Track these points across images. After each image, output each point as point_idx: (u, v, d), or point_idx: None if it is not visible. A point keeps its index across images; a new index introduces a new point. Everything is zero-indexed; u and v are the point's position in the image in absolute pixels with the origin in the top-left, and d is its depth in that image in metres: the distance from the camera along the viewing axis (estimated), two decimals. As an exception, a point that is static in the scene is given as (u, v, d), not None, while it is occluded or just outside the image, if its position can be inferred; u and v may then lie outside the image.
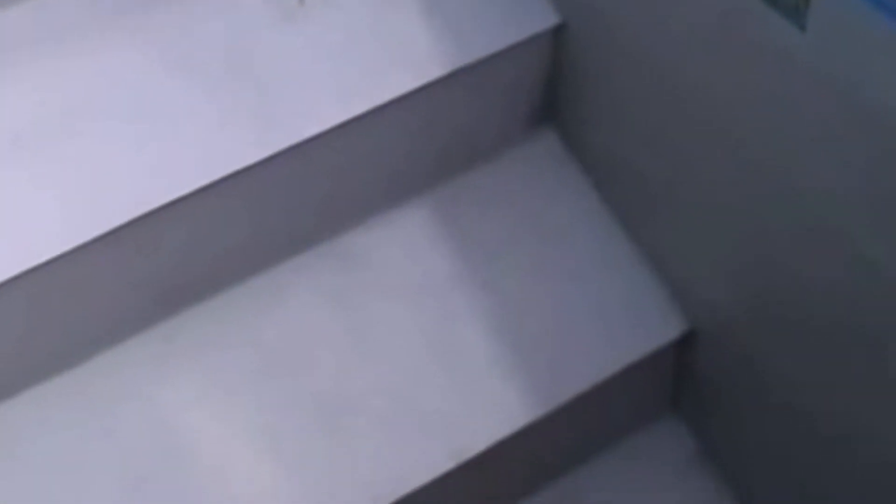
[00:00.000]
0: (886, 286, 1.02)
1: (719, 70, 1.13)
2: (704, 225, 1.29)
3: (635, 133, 1.35)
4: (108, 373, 1.31)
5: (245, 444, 1.29)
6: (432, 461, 1.29)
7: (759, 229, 1.19)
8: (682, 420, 1.48)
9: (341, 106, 1.31)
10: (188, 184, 1.25)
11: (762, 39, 1.02)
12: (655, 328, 1.37)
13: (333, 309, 1.37)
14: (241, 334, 1.35)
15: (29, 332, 1.28)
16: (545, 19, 1.38)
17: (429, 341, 1.36)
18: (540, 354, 1.35)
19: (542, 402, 1.33)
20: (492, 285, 1.38)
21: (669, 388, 1.47)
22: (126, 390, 1.30)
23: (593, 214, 1.41)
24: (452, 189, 1.43)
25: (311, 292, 1.37)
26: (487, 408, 1.32)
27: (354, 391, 1.33)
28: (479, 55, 1.35)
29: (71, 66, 1.29)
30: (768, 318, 1.25)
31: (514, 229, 1.41)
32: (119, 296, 1.30)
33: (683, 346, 1.39)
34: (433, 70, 1.33)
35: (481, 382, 1.33)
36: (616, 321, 1.36)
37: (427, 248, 1.40)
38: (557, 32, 1.39)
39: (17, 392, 1.29)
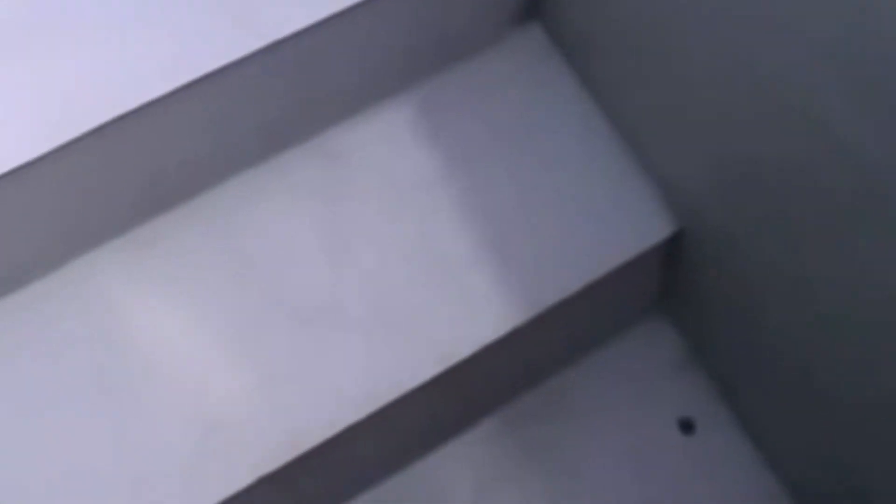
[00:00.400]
0: (864, 170, 1.00)
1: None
2: (688, 116, 1.25)
3: (620, 20, 1.30)
4: (81, 279, 1.28)
5: (221, 351, 1.27)
6: (417, 367, 1.27)
7: (738, 119, 1.16)
8: (669, 320, 1.47)
9: (319, 2, 1.26)
10: (164, 84, 1.19)
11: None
12: (644, 228, 1.33)
13: (312, 210, 1.33)
14: (219, 239, 1.31)
15: (1, 240, 1.25)
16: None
17: (411, 243, 1.33)
18: (526, 256, 1.32)
19: (529, 305, 1.30)
20: (475, 185, 1.34)
21: (657, 287, 1.45)
22: (100, 297, 1.28)
23: (580, 112, 1.37)
24: (436, 86, 1.38)
25: (290, 194, 1.33)
26: (473, 312, 1.30)
27: (334, 295, 1.31)
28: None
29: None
30: (754, 214, 1.23)
31: (499, 127, 1.37)
32: (94, 201, 1.26)
33: (671, 245, 1.36)
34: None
35: (466, 285, 1.30)
36: (604, 222, 1.33)
37: (410, 146, 1.36)
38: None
39: (-9, 300, 1.29)
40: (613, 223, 1.33)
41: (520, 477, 1.39)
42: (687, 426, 1.43)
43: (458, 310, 1.30)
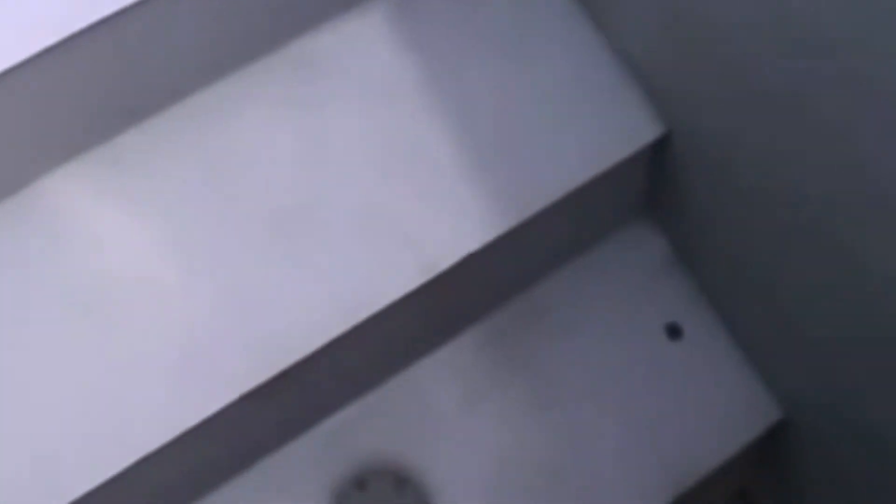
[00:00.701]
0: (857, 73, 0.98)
1: None
2: (680, 19, 1.22)
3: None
4: (49, 198, 1.24)
5: (196, 267, 1.23)
6: (400, 277, 1.24)
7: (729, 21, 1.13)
8: (655, 224, 1.44)
9: None
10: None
11: None
12: (631, 132, 1.29)
13: (289, 118, 1.29)
14: (190, 151, 1.27)
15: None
16: None
17: (391, 150, 1.28)
18: (510, 162, 1.28)
19: (514, 211, 1.27)
20: (457, 90, 1.29)
21: (642, 192, 1.41)
22: (69, 215, 1.24)
23: (564, 15, 1.32)
24: (414, -12, 1.33)
25: (263, 103, 1.28)
26: (456, 219, 1.26)
27: (312, 204, 1.26)
28: None
29: None
30: (742, 117, 1.20)
31: (481, 31, 1.31)
32: (62, 114, 1.22)
33: (658, 149, 1.33)
34: None
35: (448, 193, 1.27)
36: (590, 125, 1.28)
37: (388, 51, 1.31)
38: None
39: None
40: (600, 127, 1.29)
41: (505, 386, 1.37)
42: (674, 331, 1.41)
43: (440, 217, 1.26)
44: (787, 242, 1.25)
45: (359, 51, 1.31)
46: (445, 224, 1.26)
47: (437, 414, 1.36)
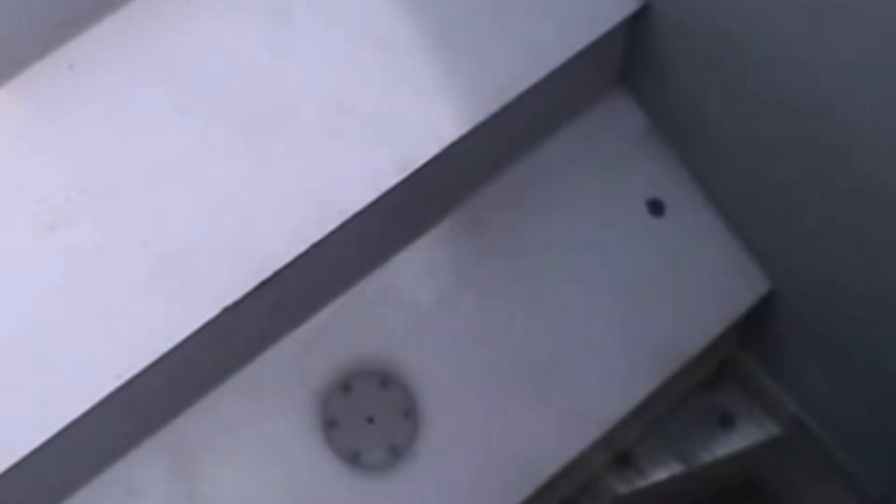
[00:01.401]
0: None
1: None
2: None
3: None
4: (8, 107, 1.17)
5: (168, 175, 1.16)
6: (377, 176, 1.18)
7: None
8: (631, 96, 1.38)
9: None
10: None
11: None
12: (608, 6, 1.24)
13: (254, 14, 1.21)
14: (157, 52, 1.19)
15: None
16: None
17: (360, 43, 1.22)
18: (485, 46, 1.21)
19: (491, 98, 1.21)
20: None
21: (619, 65, 1.35)
22: (32, 125, 1.17)
23: None
24: None
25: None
26: (432, 110, 1.20)
27: (283, 101, 1.20)
28: None
29: None
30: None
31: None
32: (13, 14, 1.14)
33: (635, 20, 1.27)
34: None
35: (422, 83, 1.20)
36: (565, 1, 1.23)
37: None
38: None
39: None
40: (575, 2, 1.24)
41: (486, 274, 1.33)
42: (656, 207, 1.37)
43: (415, 110, 1.20)
44: (769, 110, 1.21)
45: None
46: (420, 116, 1.20)
47: (419, 309, 1.32)
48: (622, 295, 1.35)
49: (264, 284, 1.15)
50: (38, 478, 1.14)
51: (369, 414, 1.29)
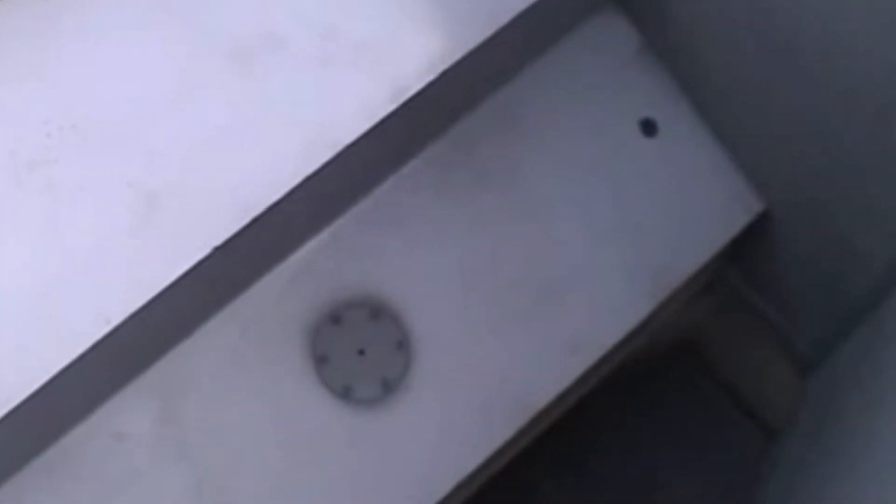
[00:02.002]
0: None
1: None
2: None
3: None
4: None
5: (154, 108, 1.10)
6: (369, 105, 1.13)
7: None
8: (623, 12, 1.33)
9: None
10: None
11: None
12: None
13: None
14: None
15: None
16: None
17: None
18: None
19: (484, 23, 1.16)
20: None
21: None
22: (7, 58, 1.09)
23: None
24: None
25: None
26: (424, 37, 1.15)
27: (271, 28, 1.14)
28: None
29: None
30: None
31: None
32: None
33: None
34: None
35: (415, 7, 1.15)
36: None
37: None
38: None
39: None
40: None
41: (477, 200, 1.29)
42: (649, 127, 1.33)
43: (409, 35, 1.15)
44: (766, 24, 1.18)
45: None
46: (414, 43, 1.15)
47: (409, 238, 1.28)
48: (615, 218, 1.32)
49: (255, 221, 1.11)
50: (23, 427, 1.10)
51: (360, 347, 1.26)
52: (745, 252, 1.42)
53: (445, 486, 1.25)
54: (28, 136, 1.08)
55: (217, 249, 1.10)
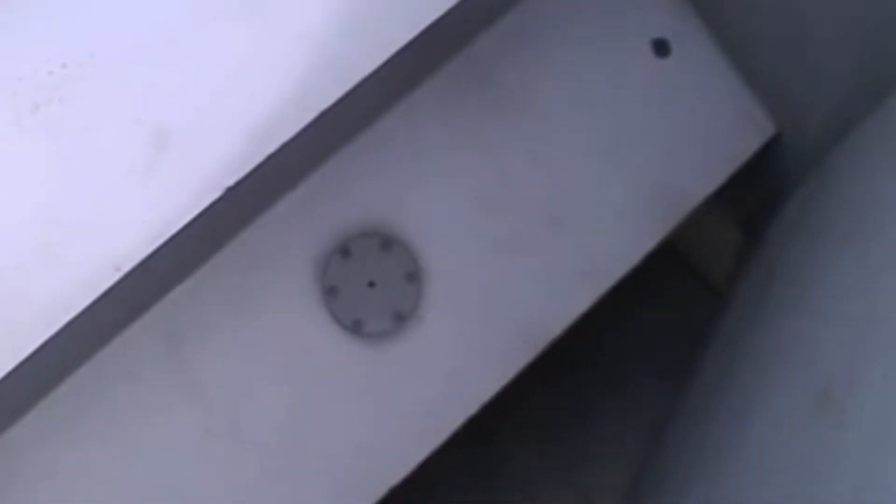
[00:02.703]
0: None
1: None
2: None
3: None
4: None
5: (157, 36, 1.03)
6: (386, 33, 1.07)
7: None
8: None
9: None
10: None
11: None
12: None
13: None
14: None
15: None
16: None
17: None
18: None
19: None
20: None
21: None
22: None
23: None
24: None
25: None
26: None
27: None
28: None
29: None
30: None
31: None
32: None
33: None
34: None
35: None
36: None
37: None
38: None
39: None
40: None
41: (489, 124, 1.25)
42: (661, 47, 1.28)
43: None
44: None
45: None
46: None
47: (418, 166, 1.24)
48: (628, 142, 1.28)
49: (268, 158, 1.07)
50: (28, 374, 1.06)
51: (370, 279, 1.23)
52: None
53: (457, 420, 1.23)
54: (29, 75, 1.01)
55: (229, 190, 1.06)
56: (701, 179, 1.29)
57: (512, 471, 1.67)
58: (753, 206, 1.43)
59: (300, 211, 1.21)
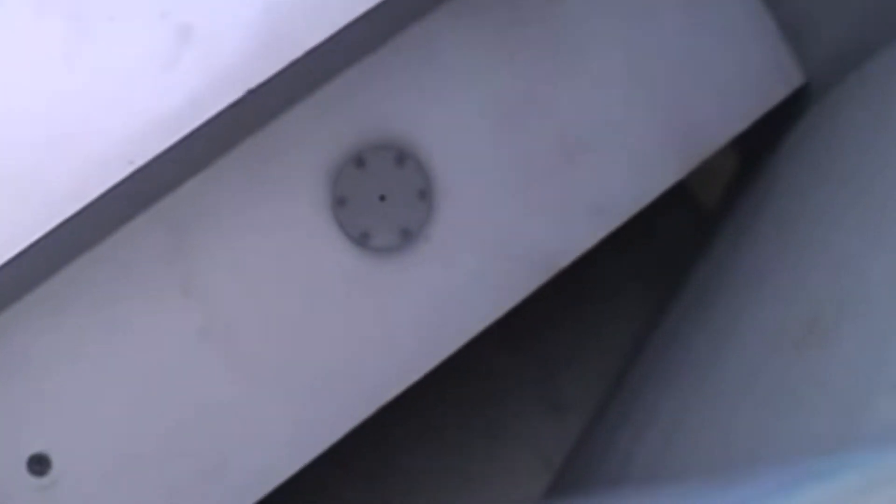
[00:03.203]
0: None
1: None
2: None
3: None
4: None
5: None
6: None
7: None
8: None
9: None
10: None
11: None
12: None
13: None
14: None
15: None
16: None
17: None
18: None
19: None
20: None
21: None
22: None
23: None
24: None
25: None
26: None
27: None
28: None
29: None
30: None
31: None
32: None
33: None
34: None
35: None
36: None
37: None
38: None
39: None
40: None
41: (512, 47, 1.21)
42: (699, -17, 1.26)
43: None
44: None
45: None
46: None
47: (441, 82, 1.20)
48: (654, 76, 1.25)
49: (292, 64, 1.04)
50: (27, 260, 1.04)
51: (382, 192, 1.21)
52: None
53: (453, 344, 1.22)
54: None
55: (250, 92, 1.03)
56: (725, 123, 1.26)
57: (483, 378, 1.66)
58: (752, 131, 1.41)
59: (316, 117, 1.18)
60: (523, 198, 1.23)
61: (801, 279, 1.02)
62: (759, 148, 1.37)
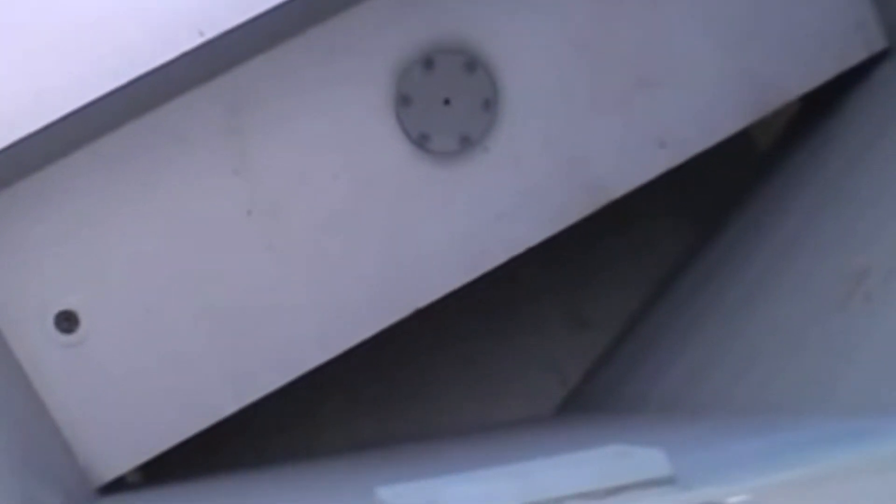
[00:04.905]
0: None
1: None
2: None
3: None
4: None
5: None
6: None
7: None
8: None
9: None
10: None
11: None
12: None
13: None
14: None
15: None
16: None
17: None
18: None
19: None
20: None
21: None
22: None
23: None
24: None
25: None
26: None
27: None
28: None
29: None
30: None
31: None
32: None
33: None
34: None
35: None
36: None
37: None
38: None
39: None
40: None
41: None
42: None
43: None
44: None
45: None
46: None
47: (524, -2, 1.18)
48: (733, 23, 1.22)
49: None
50: (94, 112, 1.03)
51: (447, 96, 1.18)
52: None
53: (497, 259, 1.21)
54: None
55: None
56: (798, 78, 1.23)
57: (510, 287, 1.65)
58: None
59: (391, 12, 1.15)
60: (588, 123, 1.21)
61: (849, 237, 1.01)
62: (823, 97, 1.34)
